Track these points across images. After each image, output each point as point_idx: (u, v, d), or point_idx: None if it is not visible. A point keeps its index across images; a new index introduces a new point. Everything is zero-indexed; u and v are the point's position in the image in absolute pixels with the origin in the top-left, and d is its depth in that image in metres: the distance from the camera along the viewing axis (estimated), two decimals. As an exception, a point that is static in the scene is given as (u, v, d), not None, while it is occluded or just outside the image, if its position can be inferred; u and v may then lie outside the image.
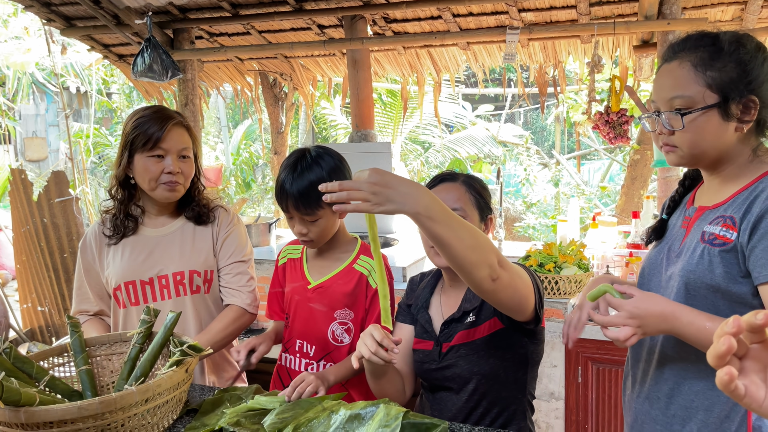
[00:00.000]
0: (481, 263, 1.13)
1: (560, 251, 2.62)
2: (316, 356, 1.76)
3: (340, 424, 1.28)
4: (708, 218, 1.23)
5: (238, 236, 1.92)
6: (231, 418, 1.36)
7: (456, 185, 1.51)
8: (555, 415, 2.51)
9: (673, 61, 1.21)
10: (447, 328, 1.51)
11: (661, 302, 1.14)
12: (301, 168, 1.64)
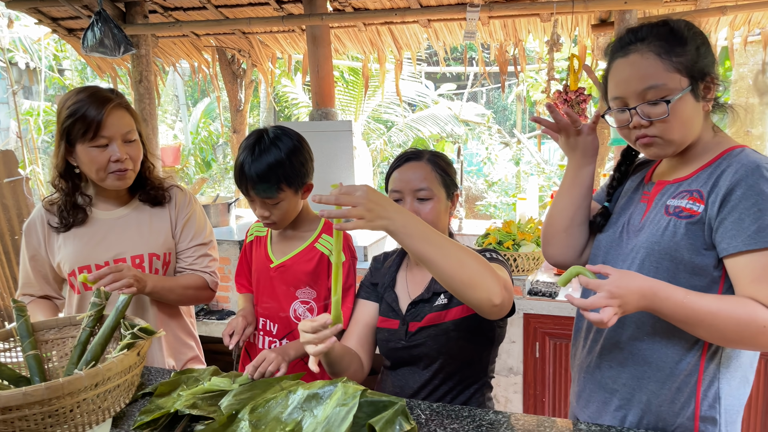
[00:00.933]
0: (477, 285, 1.19)
1: (519, 229, 2.65)
2: (279, 334, 1.77)
3: (298, 403, 1.27)
4: (670, 192, 1.26)
5: (197, 219, 1.89)
6: (187, 401, 1.34)
7: (421, 164, 1.50)
8: (513, 389, 2.56)
9: (630, 55, 1.21)
10: (414, 308, 1.51)
11: (638, 279, 1.15)
12: (259, 150, 1.62)
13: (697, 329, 1.14)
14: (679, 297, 1.13)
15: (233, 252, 3.07)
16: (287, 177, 1.62)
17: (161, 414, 1.31)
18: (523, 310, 2.48)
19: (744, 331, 1.10)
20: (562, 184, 1.46)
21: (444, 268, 1.17)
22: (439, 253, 1.16)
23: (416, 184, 1.45)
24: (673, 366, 1.23)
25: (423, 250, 1.15)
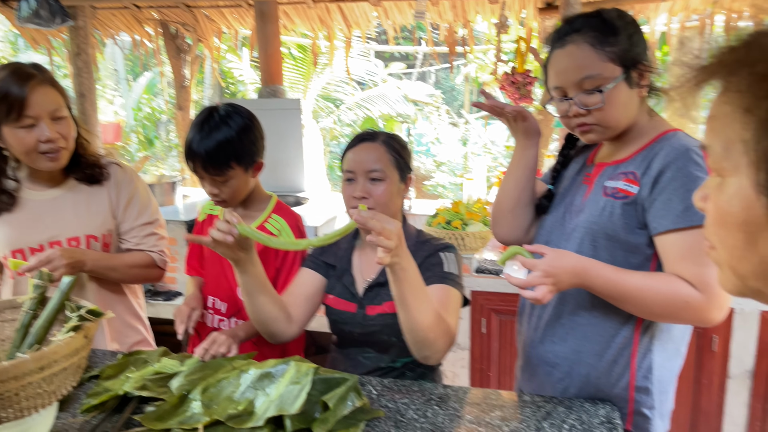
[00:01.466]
0: (428, 346, 1.33)
1: (467, 209, 2.70)
2: (227, 313, 1.78)
3: (251, 383, 1.28)
4: (608, 174, 1.32)
5: (140, 197, 1.82)
6: (136, 383, 1.33)
7: (376, 145, 1.50)
8: (461, 364, 2.63)
9: (567, 46, 1.26)
10: (371, 291, 1.52)
11: (572, 258, 1.21)
12: (209, 128, 1.59)
13: (627, 305, 1.21)
14: (609, 274, 1.19)
15: (180, 232, 3.01)
16: (237, 155, 1.61)
17: (109, 396, 1.29)
18: (471, 287, 2.54)
19: (669, 306, 1.17)
20: (509, 166, 1.50)
21: (412, 319, 1.29)
22: (415, 305, 1.29)
23: (369, 164, 1.46)
24: (610, 340, 1.30)
25: (407, 296, 1.28)
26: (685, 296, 1.15)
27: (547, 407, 1.27)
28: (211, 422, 1.19)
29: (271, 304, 1.45)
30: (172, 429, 1.18)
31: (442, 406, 1.28)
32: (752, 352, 2.25)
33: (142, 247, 1.80)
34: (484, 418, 1.23)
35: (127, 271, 1.77)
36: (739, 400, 2.30)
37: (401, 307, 1.31)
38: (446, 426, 1.20)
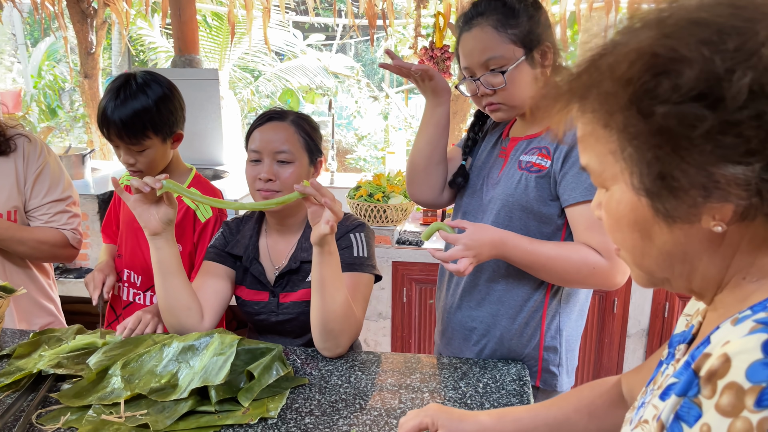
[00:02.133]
0: (335, 337, 1.35)
1: (388, 182, 2.75)
2: (142, 286, 1.74)
3: (173, 356, 1.27)
4: (522, 148, 1.38)
5: (50, 172, 1.73)
6: (51, 360, 1.29)
7: (284, 125, 1.43)
8: (383, 333, 2.70)
9: (473, 29, 1.32)
10: (282, 279, 1.48)
11: (490, 231, 1.27)
12: (125, 95, 1.53)
13: (540, 273, 1.30)
14: (525, 245, 1.27)
15: (91, 207, 2.88)
16: (154, 124, 1.56)
17: (23, 375, 1.25)
18: (392, 258, 2.60)
19: (578, 272, 1.26)
20: (420, 125, 1.53)
21: (325, 305, 1.32)
22: (332, 291, 1.31)
23: (277, 145, 1.40)
24: (522, 304, 1.39)
25: (327, 280, 1.30)
26: (592, 263, 1.24)
27: (463, 368, 1.34)
28: (132, 396, 1.18)
29: (184, 290, 1.39)
30: (92, 405, 1.16)
31: (364, 371, 1.33)
32: (647, 313, 2.45)
33: (54, 225, 1.72)
34: (405, 381, 1.28)
35: (37, 246, 1.68)
36: (636, 356, 2.51)
37: (318, 290, 1.31)
38: (369, 390, 1.24)
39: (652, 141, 0.53)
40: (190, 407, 1.14)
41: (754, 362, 0.46)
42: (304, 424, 1.12)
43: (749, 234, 0.55)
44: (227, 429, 1.10)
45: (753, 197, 0.51)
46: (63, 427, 1.10)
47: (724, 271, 0.58)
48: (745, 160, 0.50)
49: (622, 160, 0.57)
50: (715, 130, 0.50)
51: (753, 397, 0.45)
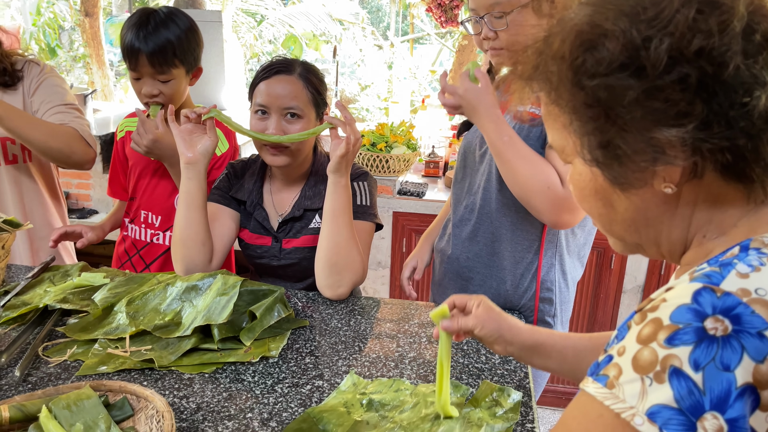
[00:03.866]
0: (338, 272, 1.38)
1: (391, 131, 2.73)
2: (161, 227, 1.77)
3: (177, 295, 1.30)
4: None
5: (53, 81, 1.70)
6: (57, 296, 1.31)
7: (292, 79, 1.39)
8: (381, 281, 2.74)
9: None
10: (285, 225, 1.49)
11: (490, 96, 1.26)
12: (155, 24, 1.56)
13: (503, 164, 1.28)
14: (507, 130, 1.26)
15: (93, 147, 2.87)
16: (182, 53, 1.59)
17: (29, 309, 1.27)
18: (393, 208, 2.61)
19: (533, 181, 1.24)
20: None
21: (334, 236, 1.35)
22: (342, 224, 1.35)
23: (286, 101, 1.37)
24: (519, 257, 1.41)
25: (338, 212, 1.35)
26: (551, 182, 1.23)
27: (461, 316, 1.36)
28: (137, 333, 1.21)
29: (203, 226, 1.40)
30: (97, 340, 1.19)
31: (364, 315, 1.35)
32: (644, 270, 2.48)
33: (63, 121, 1.66)
34: (403, 326, 1.31)
35: (50, 132, 1.60)
36: (630, 312, 2.55)
37: (328, 221, 1.34)
38: (368, 333, 1.27)
39: (588, 113, 0.57)
40: (194, 344, 1.17)
41: (681, 305, 0.49)
42: (304, 363, 1.15)
43: (702, 192, 0.58)
44: (229, 366, 1.13)
45: (694, 156, 0.54)
46: (69, 359, 1.13)
47: (686, 231, 0.60)
48: (678, 122, 0.52)
49: (572, 133, 0.60)
50: (642, 97, 0.53)
51: (666, 334, 0.48)
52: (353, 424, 0.97)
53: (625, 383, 0.48)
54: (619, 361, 0.50)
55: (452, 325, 0.94)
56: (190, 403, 1.01)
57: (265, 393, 1.05)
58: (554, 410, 2.76)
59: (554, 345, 0.92)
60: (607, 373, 0.50)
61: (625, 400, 0.48)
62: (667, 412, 0.45)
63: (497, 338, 0.93)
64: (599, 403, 0.50)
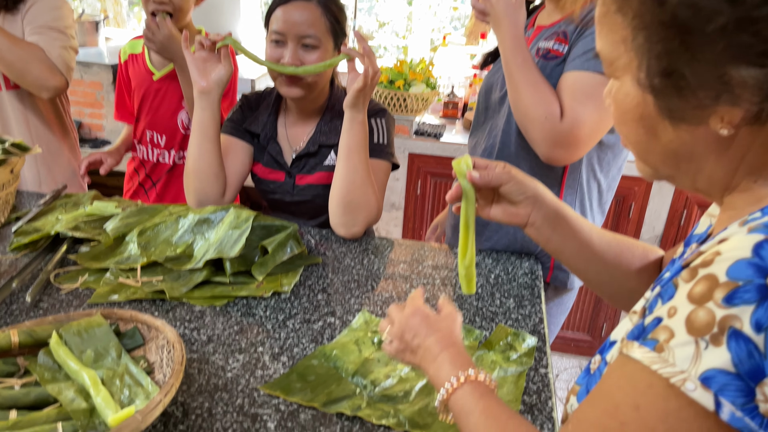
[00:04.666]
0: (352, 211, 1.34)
1: (410, 69, 2.65)
2: (167, 146, 1.83)
3: (189, 227, 1.28)
4: (543, 35, 1.31)
5: (47, 4, 1.63)
6: (68, 224, 1.30)
7: (311, 6, 1.33)
8: (394, 223, 2.71)
9: None
10: (299, 161, 1.46)
11: (512, 17, 1.21)
12: None
13: (510, 88, 1.23)
14: (524, 53, 1.21)
15: (105, 76, 2.82)
16: None
17: (40, 236, 1.26)
18: (408, 149, 2.56)
19: (533, 110, 1.19)
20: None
21: (348, 174, 1.31)
22: (357, 161, 1.31)
23: (303, 29, 1.31)
24: None
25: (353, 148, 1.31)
26: (550, 113, 1.18)
27: (476, 258, 1.34)
28: (148, 263, 1.20)
29: (216, 157, 1.38)
30: (109, 269, 1.18)
31: (377, 255, 1.33)
32: (663, 219, 2.43)
33: (37, 42, 1.60)
34: (417, 267, 1.29)
35: (12, 52, 1.54)
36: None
37: (343, 158, 1.31)
38: (381, 273, 1.25)
39: (663, 32, 0.50)
40: (205, 277, 1.15)
41: (740, 260, 0.44)
42: (316, 300, 1.13)
43: (761, 138, 0.52)
44: (241, 300, 1.12)
45: (764, 102, 0.48)
46: (81, 287, 1.12)
47: (733, 173, 0.55)
48: (761, 62, 0.46)
49: (632, 50, 0.54)
50: (731, 26, 0.46)
51: (724, 292, 0.43)
52: (364, 362, 0.96)
53: (677, 347, 0.44)
54: (670, 323, 0.45)
55: (481, 177, 0.83)
56: (201, 335, 1.00)
57: (276, 328, 1.04)
58: (561, 356, 2.78)
59: (580, 226, 0.86)
60: (656, 336, 0.46)
61: (675, 364, 0.43)
62: (723, 376, 0.41)
63: (525, 198, 0.84)
64: (648, 370, 0.45)
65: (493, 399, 0.64)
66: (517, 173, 0.85)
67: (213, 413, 0.83)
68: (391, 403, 0.88)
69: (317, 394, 0.88)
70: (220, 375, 0.91)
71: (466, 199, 0.84)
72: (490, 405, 0.62)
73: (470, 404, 0.64)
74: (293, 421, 0.83)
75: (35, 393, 0.79)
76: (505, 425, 0.59)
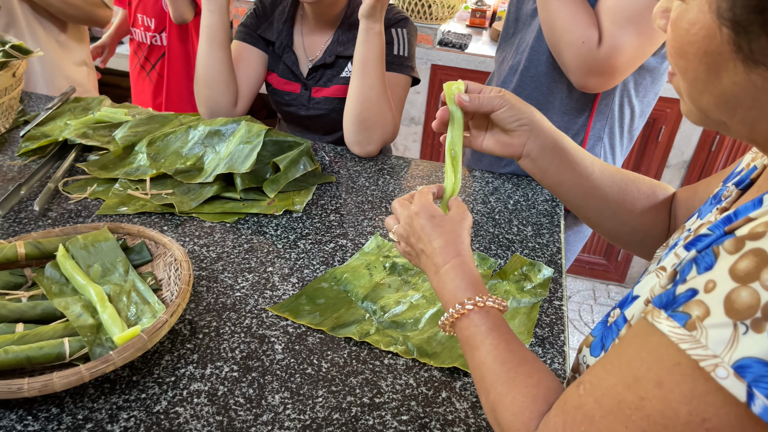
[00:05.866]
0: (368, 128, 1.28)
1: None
2: (156, 28, 2.01)
3: (199, 139, 1.24)
4: None
5: None
6: (77, 130, 1.26)
7: None
8: (413, 138, 2.65)
9: None
10: (315, 73, 1.39)
11: None
12: None
13: (543, 7, 1.14)
14: None
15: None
16: None
17: (49, 142, 1.23)
18: (431, 60, 2.44)
19: (569, 33, 1.10)
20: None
21: (363, 90, 1.24)
22: (372, 75, 1.23)
23: None
24: (564, 127, 1.29)
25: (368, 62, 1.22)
26: (587, 37, 1.08)
27: (495, 183, 1.29)
28: (158, 175, 1.17)
29: (226, 65, 1.31)
30: (118, 179, 1.15)
31: (393, 175, 1.29)
32: (693, 144, 2.33)
33: None
34: (433, 189, 1.24)
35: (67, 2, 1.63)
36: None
37: (358, 72, 1.23)
38: (396, 194, 1.21)
39: None
40: (215, 192, 1.13)
41: None
42: (328, 220, 1.10)
43: None
44: (252, 217, 1.09)
45: None
46: (90, 197, 1.10)
47: None
48: None
49: None
50: None
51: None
52: (374, 287, 0.94)
53: (711, 327, 0.39)
54: (707, 299, 0.40)
55: (470, 101, 0.75)
56: (210, 252, 0.99)
57: (287, 248, 1.02)
58: (575, 278, 2.78)
59: (581, 158, 0.79)
60: (689, 311, 0.40)
61: (707, 347, 0.38)
62: (760, 367, 0.36)
63: (519, 126, 0.77)
64: (675, 347, 0.40)
65: (503, 335, 0.60)
66: (511, 98, 0.77)
67: (221, 333, 0.83)
68: (399, 330, 0.87)
69: (326, 318, 0.87)
70: (228, 294, 0.90)
71: (453, 125, 0.78)
72: (498, 344, 0.59)
73: (477, 338, 0.60)
74: (301, 344, 0.82)
75: (42, 307, 0.79)
76: (514, 373, 0.56)
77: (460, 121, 0.77)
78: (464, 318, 0.62)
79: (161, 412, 0.70)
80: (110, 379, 0.74)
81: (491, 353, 0.58)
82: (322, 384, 0.76)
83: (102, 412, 0.70)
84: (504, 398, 0.55)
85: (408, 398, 0.75)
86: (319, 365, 0.79)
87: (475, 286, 0.63)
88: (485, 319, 0.61)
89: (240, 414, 0.71)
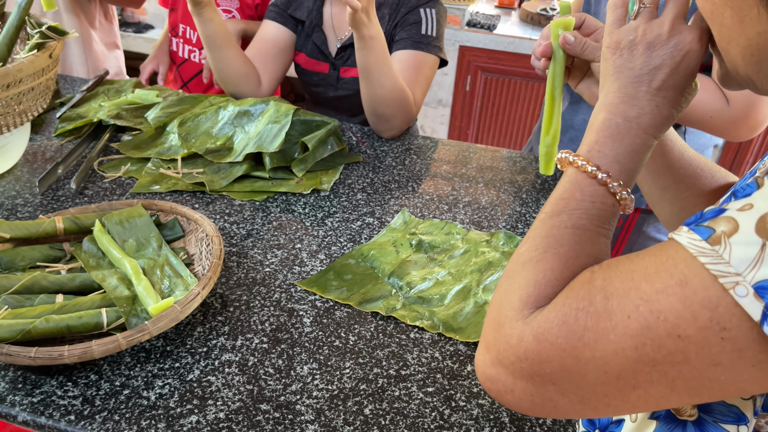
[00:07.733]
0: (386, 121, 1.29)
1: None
2: (198, 44, 1.75)
3: (229, 119, 1.25)
4: None
5: None
6: (111, 111, 1.29)
7: None
8: (440, 121, 2.64)
9: None
10: (344, 52, 1.40)
11: None
12: None
13: None
14: None
15: (147, -44, 2.72)
16: None
17: (84, 123, 1.26)
18: (459, 42, 2.43)
19: (700, 114, 1.09)
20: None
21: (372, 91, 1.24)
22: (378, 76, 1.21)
23: None
24: None
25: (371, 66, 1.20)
26: (714, 110, 1.08)
27: (522, 163, 1.29)
28: (189, 155, 1.19)
29: (237, 59, 1.33)
30: (150, 159, 1.18)
31: (420, 155, 1.29)
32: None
33: None
34: (460, 169, 1.25)
35: None
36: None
37: (364, 76, 1.24)
38: (423, 174, 1.22)
39: None
40: (245, 171, 1.15)
41: None
42: (356, 199, 1.12)
43: None
44: (280, 196, 1.11)
45: None
46: (123, 176, 1.13)
47: None
48: None
49: None
50: None
51: None
52: (400, 263, 0.95)
53: (737, 244, 0.36)
54: (738, 216, 0.37)
55: (574, 44, 0.70)
56: (240, 229, 1.01)
57: (315, 225, 1.03)
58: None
59: (673, 140, 0.73)
60: (714, 226, 0.38)
61: (729, 263, 0.36)
62: None
63: None
64: (694, 262, 0.38)
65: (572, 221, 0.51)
66: None
67: (251, 306, 0.85)
68: (426, 306, 0.88)
69: (353, 293, 0.89)
70: (258, 269, 0.92)
71: (554, 62, 0.73)
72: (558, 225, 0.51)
73: (572, 204, 0.52)
74: (329, 318, 0.84)
75: (80, 279, 0.82)
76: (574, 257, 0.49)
77: (562, 60, 0.73)
78: (589, 178, 0.53)
79: (194, 381, 0.73)
80: (146, 349, 0.77)
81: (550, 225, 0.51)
82: (349, 356, 0.78)
83: (138, 379, 0.72)
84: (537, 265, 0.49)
85: (433, 371, 0.77)
86: (347, 338, 0.81)
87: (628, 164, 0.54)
88: (576, 190, 0.52)
89: (270, 383, 0.73)
